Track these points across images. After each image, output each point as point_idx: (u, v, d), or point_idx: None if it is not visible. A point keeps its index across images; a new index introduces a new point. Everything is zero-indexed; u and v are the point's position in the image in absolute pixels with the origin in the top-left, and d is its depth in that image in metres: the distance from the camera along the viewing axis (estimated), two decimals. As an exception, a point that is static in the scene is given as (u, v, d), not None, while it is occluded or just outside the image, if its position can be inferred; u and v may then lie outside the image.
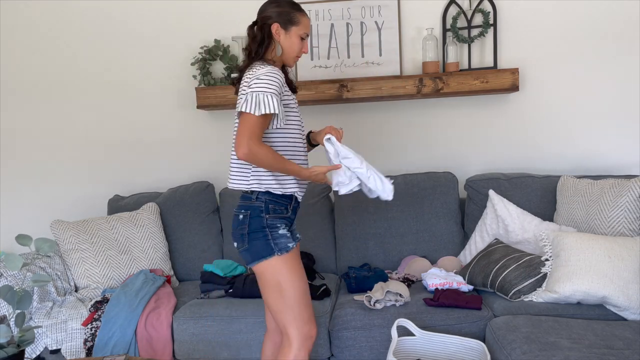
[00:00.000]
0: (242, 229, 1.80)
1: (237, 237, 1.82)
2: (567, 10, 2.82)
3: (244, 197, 1.84)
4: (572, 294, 2.07)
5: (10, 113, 3.16)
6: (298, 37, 1.84)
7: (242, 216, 1.81)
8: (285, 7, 1.82)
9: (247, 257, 1.81)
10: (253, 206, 1.80)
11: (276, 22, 1.80)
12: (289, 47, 1.84)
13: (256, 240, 1.78)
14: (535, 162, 2.94)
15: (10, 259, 1.63)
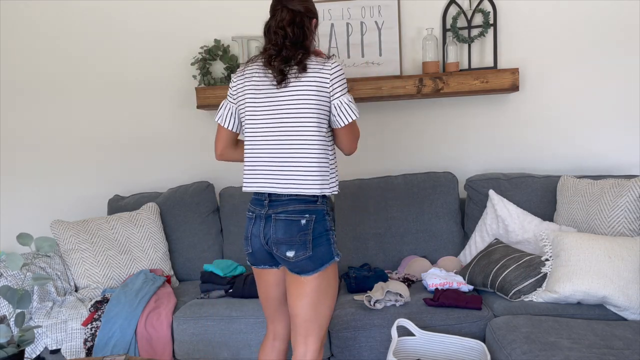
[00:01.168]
0: (305, 235, 1.67)
1: (299, 245, 1.67)
2: (567, 10, 2.82)
3: (305, 201, 1.70)
4: (572, 294, 2.07)
5: (10, 113, 3.16)
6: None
7: (305, 221, 1.67)
8: (308, 2, 1.77)
9: (308, 266, 1.69)
10: (317, 210, 1.70)
11: (316, 18, 1.78)
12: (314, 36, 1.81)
13: (321, 247, 1.69)
14: (535, 162, 2.94)
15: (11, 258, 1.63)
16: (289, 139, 1.70)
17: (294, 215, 1.69)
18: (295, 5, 1.71)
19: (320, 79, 1.67)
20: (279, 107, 1.70)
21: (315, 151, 1.69)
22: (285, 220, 1.69)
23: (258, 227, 1.75)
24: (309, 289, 1.72)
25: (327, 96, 1.69)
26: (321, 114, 1.69)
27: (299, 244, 1.68)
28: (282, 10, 1.70)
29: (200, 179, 3.08)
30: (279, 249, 1.71)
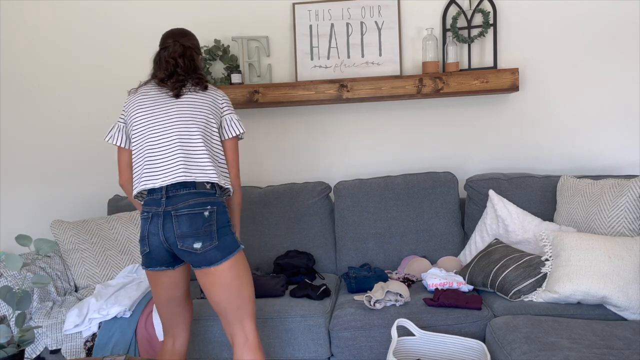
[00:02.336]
0: (209, 226, 1.75)
1: (204, 236, 1.74)
2: (567, 10, 2.82)
3: (205, 194, 1.79)
4: (572, 294, 2.07)
5: (10, 113, 3.16)
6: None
7: (207, 213, 1.76)
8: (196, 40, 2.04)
9: (216, 255, 1.76)
10: (217, 202, 1.80)
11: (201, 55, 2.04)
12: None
13: (226, 236, 1.78)
14: (535, 162, 2.94)
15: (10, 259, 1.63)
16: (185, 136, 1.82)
17: (197, 208, 1.76)
18: (185, 42, 1.93)
19: (214, 96, 1.92)
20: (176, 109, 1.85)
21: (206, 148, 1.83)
22: (189, 214, 1.75)
23: (156, 225, 1.77)
24: (228, 278, 1.79)
25: (219, 110, 1.91)
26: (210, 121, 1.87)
27: (204, 235, 1.74)
28: (174, 44, 1.91)
29: (200, 179, 3.07)
30: (184, 243, 1.74)
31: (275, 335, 2.18)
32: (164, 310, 1.94)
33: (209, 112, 1.87)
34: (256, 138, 3.07)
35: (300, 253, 2.69)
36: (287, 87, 2.81)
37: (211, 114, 1.88)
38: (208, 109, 1.88)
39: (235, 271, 1.80)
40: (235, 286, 1.81)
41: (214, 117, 1.88)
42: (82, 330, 2.22)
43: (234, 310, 1.84)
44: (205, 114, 1.86)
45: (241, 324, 1.86)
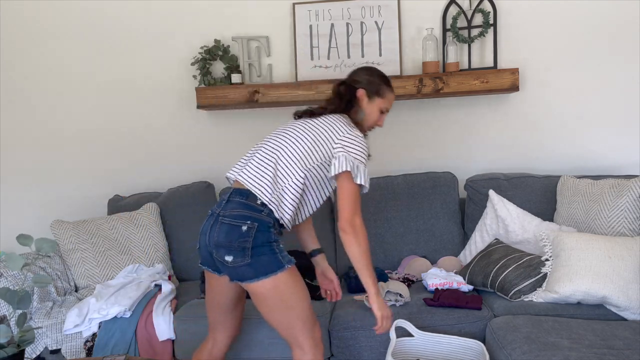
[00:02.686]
0: (244, 242, 1.66)
1: (236, 250, 1.67)
2: (567, 11, 2.82)
3: (250, 207, 1.70)
4: (572, 294, 2.07)
5: (10, 113, 3.16)
6: (379, 109, 1.90)
7: (246, 228, 1.67)
8: (376, 78, 1.90)
9: (248, 273, 1.67)
10: (262, 220, 1.69)
11: (363, 88, 1.88)
12: (369, 114, 1.90)
13: (263, 256, 1.67)
14: (535, 162, 2.94)
15: (11, 259, 1.63)
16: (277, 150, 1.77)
17: (237, 220, 1.69)
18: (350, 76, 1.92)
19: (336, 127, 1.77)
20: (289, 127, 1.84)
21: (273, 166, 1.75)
22: (229, 224, 1.69)
23: (208, 225, 1.76)
24: (269, 299, 1.70)
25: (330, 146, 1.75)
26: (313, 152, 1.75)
27: (237, 249, 1.66)
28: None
29: (200, 179, 3.08)
30: (218, 252, 1.70)
31: (275, 335, 2.18)
32: (210, 311, 1.92)
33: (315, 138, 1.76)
34: (256, 138, 3.07)
35: (300, 253, 2.68)
36: (287, 87, 2.81)
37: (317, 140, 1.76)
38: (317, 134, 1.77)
39: (277, 293, 1.69)
40: (269, 308, 1.72)
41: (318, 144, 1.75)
42: (82, 330, 2.22)
43: (284, 331, 1.77)
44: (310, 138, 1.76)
45: (296, 343, 1.77)
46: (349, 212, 1.70)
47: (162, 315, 2.25)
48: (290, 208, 1.73)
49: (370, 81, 1.89)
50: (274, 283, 1.68)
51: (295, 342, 1.77)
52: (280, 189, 1.73)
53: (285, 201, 1.73)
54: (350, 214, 1.70)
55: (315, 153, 1.75)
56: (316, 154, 1.75)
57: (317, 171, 1.76)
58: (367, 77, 1.90)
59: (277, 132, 1.85)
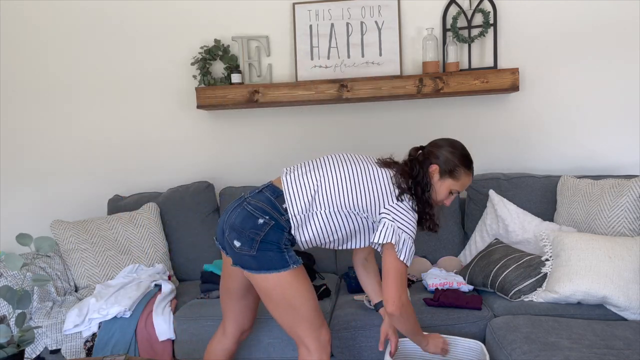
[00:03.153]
0: (255, 234, 1.66)
1: (245, 238, 1.67)
2: (567, 10, 2.82)
3: (274, 206, 1.69)
4: (572, 294, 2.07)
5: (10, 113, 3.16)
6: (448, 189, 1.79)
7: (262, 221, 1.67)
8: (456, 158, 1.78)
9: (251, 264, 1.67)
10: (279, 221, 1.69)
11: (437, 164, 1.77)
12: (437, 191, 1.79)
13: (269, 252, 1.66)
14: (535, 162, 2.94)
15: (10, 258, 1.63)
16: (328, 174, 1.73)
17: (257, 212, 1.69)
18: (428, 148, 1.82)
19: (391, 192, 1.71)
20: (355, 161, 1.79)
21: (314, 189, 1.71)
22: (248, 212, 1.70)
23: (232, 205, 1.77)
24: (263, 292, 1.71)
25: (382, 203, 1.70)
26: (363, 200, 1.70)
27: (246, 238, 1.67)
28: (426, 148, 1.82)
29: (200, 179, 3.08)
30: (230, 234, 1.71)
31: (275, 335, 2.18)
32: (221, 296, 1.92)
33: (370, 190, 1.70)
34: (256, 138, 3.07)
35: (300, 253, 2.68)
36: (287, 87, 2.81)
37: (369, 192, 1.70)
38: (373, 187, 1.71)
39: (280, 291, 1.68)
40: (285, 307, 1.71)
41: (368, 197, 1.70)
42: (82, 330, 2.22)
43: (289, 330, 1.77)
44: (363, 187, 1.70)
45: (302, 343, 1.76)
46: (396, 293, 1.66)
47: (162, 315, 2.25)
48: (309, 234, 1.72)
49: (447, 160, 1.77)
50: (277, 280, 1.68)
51: (300, 342, 1.77)
52: (311, 212, 1.70)
53: (308, 225, 1.71)
54: (397, 295, 1.66)
55: (361, 202, 1.70)
56: (361, 203, 1.70)
57: (353, 218, 1.72)
58: (447, 154, 1.77)
59: (340, 159, 1.79)
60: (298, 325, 1.74)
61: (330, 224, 1.72)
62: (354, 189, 1.71)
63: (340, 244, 1.81)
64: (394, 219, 1.67)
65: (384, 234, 1.66)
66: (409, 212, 1.70)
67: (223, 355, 1.96)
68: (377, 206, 1.71)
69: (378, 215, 1.71)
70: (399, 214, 1.68)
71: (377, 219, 1.72)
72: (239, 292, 1.87)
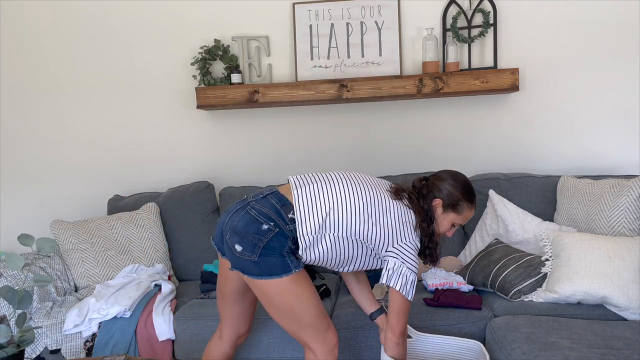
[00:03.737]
0: (258, 239, 1.63)
1: (247, 243, 1.64)
2: (568, 10, 2.82)
3: (279, 215, 1.66)
4: (572, 294, 2.07)
5: (10, 113, 3.16)
6: (451, 222, 1.80)
7: (266, 227, 1.64)
8: (458, 192, 1.77)
9: (252, 269, 1.64)
10: (283, 229, 1.66)
11: (440, 198, 1.76)
12: (439, 224, 1.78)
13: (271, 257, 1.63)
14: (535, 162, 2.94)
15: (11, 259, 1.63)
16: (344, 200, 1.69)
17: (261, 217, 1.66)
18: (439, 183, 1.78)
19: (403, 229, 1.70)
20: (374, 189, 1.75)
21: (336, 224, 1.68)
22: (252, 216, 1.66)
23: (234, 207, 1.73)
24: (264, 298, 1.69)
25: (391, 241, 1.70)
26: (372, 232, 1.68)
27: (249, 242, 1.64)
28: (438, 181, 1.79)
29: (200, 179, 3.08)
30: (230, 237, 1.67)
31: (275, 335, 2.18)
32: (217, 301, 1.91)
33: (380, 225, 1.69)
34: (256, 138, 3.07)
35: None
36: (287, 87, 2.81)
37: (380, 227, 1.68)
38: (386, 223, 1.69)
39: (281, 297, 1.66)
40: (287, 314, 1.70)
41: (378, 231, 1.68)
42: (82, 330, 2.22)
43: (294, 335, 1.76)
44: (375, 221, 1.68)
45: (308, 347, 1.75)
46: (401, 327, 1.73)
47: (162, 315, 2.25)
48: (316, 254, 1.69)
49: (450, 194, 1.76)
50: (278, 286, 1.65)
51: (306, 346, 1.76)
52: (321, 234, 1.67)
53: (317, 246, 1.68)
54: (402, 330, 1.74)
55: (371, 235, 1.69)
56: (371, 235, 1.69)
57: (359, 245, 1.71)
58: (450, 188, 1.76)
59: (355, 181, 1.74)
60: (302, 331, 1.72)
61: (337, 247, 1.70)
62: (367, 221, 1.68)
63: (341, 266, 1.78)
64: (401, 257, 1.68)
65: (394, 280, 1.67)
66: (414, 247, 1.71)
67: (221, 358, 1.95)
68: (386, 243, 1.70)
69: (384, 252, 1.71)
70: (407, 251, 1.69)
71: (382, 254, 1.72)
72: (234, 296, 1.84)
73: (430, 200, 1.76)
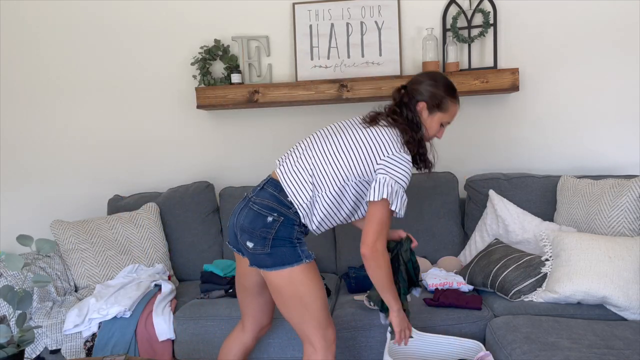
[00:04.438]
0: (267, 232, 1.67)
1: (257, 238, 1.68)
2: (568, 10, 2.82)
3: (279, 201, 1.70)
4: (572, 294, 2.07)
5: (10, 113, 3.16)
6: (439, 123, 1.79)
7: (271, 219, 1.68)
8: (440, 90, 1.76)
9: (266, 261, 1.68)
10: (288, 215, 1.70)
11: (424, 101, 1.76)
12: (428, 128, 1.79)
13: (283, 247, 1.68)
14: (535, 162, 2.94)
15: (11, 259, 1.63)
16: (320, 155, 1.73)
17: (265, 210, 1.70)
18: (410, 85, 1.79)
19: (384, 144, 1.69)
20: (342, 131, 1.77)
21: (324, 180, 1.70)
22: (256, 211, 1.71)
23: (239, 207, 1.78)
24: (275, 289, 1.72)
25: (375, 160, 1.69)
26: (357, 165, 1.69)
27: (258, 237, 1.68)
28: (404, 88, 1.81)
29: (200, 179, 3.08)
30: (241, 236, 1.73)
31: (275, 335, 2.18)
32: (238, 295, 1.94)
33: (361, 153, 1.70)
34: (256, 138, 3.07)
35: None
36: (287, 87, 2.81)
37: (362, 155, 1.70)
38: (364, 149, 1.70)
39: (291, 285, 1.69)
40: (283, 300, 1.73)
41: (362, 160, 1.70)
42: (82, 330, 2.22)
43: (296, 327, 1.78)
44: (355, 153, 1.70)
45: (308, 340, 1.77)
46: (373, 237, 1.66)
47: (162, 315, 2.25)
48: (319, 217, 1.72)
49: (432, 94, 1.75)
50: (289, 275, 1.69)
51: (307, 339, 1.78)
52: (315, 197, 1.70)
53: (316, 210, 1.71)
54: (373, 240, 1.66)
55: (357, 169, 1.69)
56: (357, 169, 1.69)
57: (355, 187, 1.71)
58: (431, 89, 1.76)
59: (326, 135, 1.78)
60: (306, 322, 1.75)
61: (335, 202, 1.72)
62: (347, 160, 1.70)
63: (350, 217, 1.81)
64: (387, 171, 1.66)
65: (378, 191, 1.64)
66: (403, 160, 1.68)
67: (240, 349, 1.97)
68: (371, 165, 1.69)
69: (375, 174, 1.69)
70: (394, 164, 1.67)
71: (375, 176, 1.70)
72: (255, 290, 1.88)
73: (413, 106, 1.77)
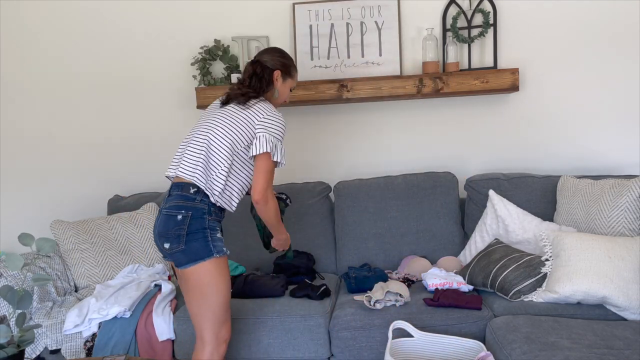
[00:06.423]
0: (179, 229, 1.80)
1: (172, 238, 1.81)
2: (568, 10, 2.82)
3: (184, 197, 1.84)
4: (572, 294, 2.07)
5: (10, 113, 3.16)
6: (289, 88, 2.09)
7: (180, 217, 1.81)
8: (288, 60, 2.05)
9: (181, 259, 1.81)
10: (196, 207, 1.83)
11: (279, 70, 2.01)
12: (281, 94, 2.07)
13: (195, 242, 1.80)
14: (535, 162, 2.94)
15: (11, 259, 1.63)
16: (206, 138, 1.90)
17: (173, 211, 1.83)
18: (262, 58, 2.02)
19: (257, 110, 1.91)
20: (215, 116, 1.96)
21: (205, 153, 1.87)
22: (166, 214, 1.84)
23: (157, 219, 1.90)
24: (191, 284, 1.84)
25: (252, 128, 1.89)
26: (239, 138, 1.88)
27: (173, 237, 1.80)
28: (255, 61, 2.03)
29: (200, 179, 3.07)
30: (159, 241, 1.85)
31: (275, 335, 2.18)
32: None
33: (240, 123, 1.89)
34: (256, 138, 3.07)
35: (300, 253, 2.69)
36: (287, 87, 2.81)
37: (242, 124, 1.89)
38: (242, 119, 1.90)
39: (199, 278, 1.82)
40: (195, 294, 1.84)
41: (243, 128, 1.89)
42: (82, 330, 2.22)
43: (193, 319, 1.88)
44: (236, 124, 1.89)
45: (200, 335, 1.89)
46: (263, 185, 1.87)
47: (162, 316, 2.25)
48: (219, 188, 1.85)
49: (283, 64, 2.02)
50: (199, 269, 1.81)
51: (199, 334, 1.88)
52: (213, 175, 1.85)
53: (216, 186, 1.85)
54: (264, 188, 1.87)
55: (241, 137, 1.88)
56: (242, 137, 1.88)
57: (243, 154, 1.89)
58: (281, 59, 2.02)
59: (205, 121, 1.95)
60: (203, 314, 1.84)
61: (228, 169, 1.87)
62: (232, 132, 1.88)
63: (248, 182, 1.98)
64: (267, 130, 1.87)
65: (260, 146, 1.85)
66: (277, 119, 1.91)
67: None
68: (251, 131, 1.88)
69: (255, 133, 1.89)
70: (270, 123, 1.89)
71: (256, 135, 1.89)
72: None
73: (269, 75, 1.99)
